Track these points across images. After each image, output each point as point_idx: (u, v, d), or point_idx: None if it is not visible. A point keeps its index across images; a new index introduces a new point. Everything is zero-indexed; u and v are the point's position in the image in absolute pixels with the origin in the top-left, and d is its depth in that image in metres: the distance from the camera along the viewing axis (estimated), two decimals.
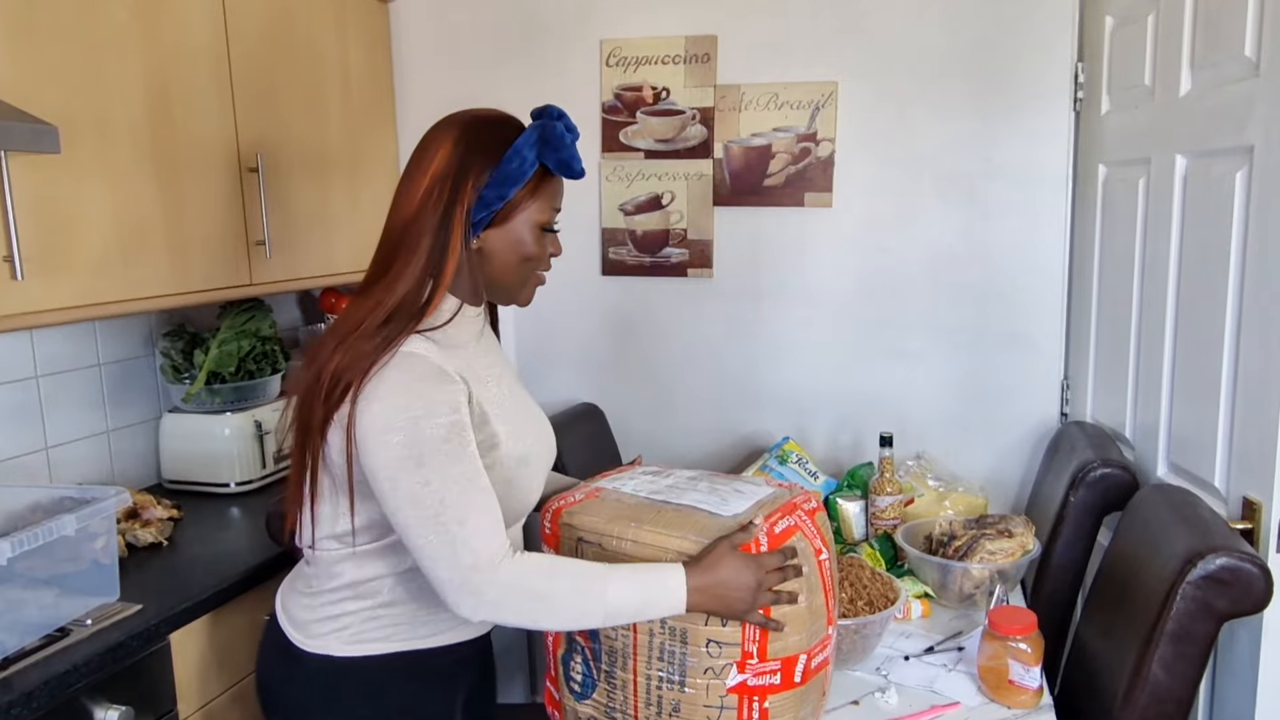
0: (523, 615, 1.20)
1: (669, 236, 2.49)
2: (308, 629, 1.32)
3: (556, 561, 1.23)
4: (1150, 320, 1.88)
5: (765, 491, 1.35)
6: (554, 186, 1.31)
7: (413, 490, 1.16)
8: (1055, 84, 2.22)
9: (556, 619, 1.21)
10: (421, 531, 1.17)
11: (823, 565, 1.28)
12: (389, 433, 1.16)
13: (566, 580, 1.20)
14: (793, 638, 1.24)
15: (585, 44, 2.47)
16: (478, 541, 1.16)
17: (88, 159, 1.67)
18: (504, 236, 1.28)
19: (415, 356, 1.19)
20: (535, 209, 1.28)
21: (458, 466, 1.18)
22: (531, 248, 1.29)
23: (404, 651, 1.31)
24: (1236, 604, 1.36)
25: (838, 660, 1.56)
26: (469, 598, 1.17)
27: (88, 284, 1.68)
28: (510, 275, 1.31)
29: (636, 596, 1.19)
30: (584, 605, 1.19)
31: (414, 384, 1.18)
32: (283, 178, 2.13)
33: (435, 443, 1.16)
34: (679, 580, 1.20)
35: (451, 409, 1.18)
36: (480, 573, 1.16)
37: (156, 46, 1.80)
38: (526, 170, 1.25)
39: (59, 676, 1.34)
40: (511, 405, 1.32)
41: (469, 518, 1.17)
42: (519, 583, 1.18)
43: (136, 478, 2.18)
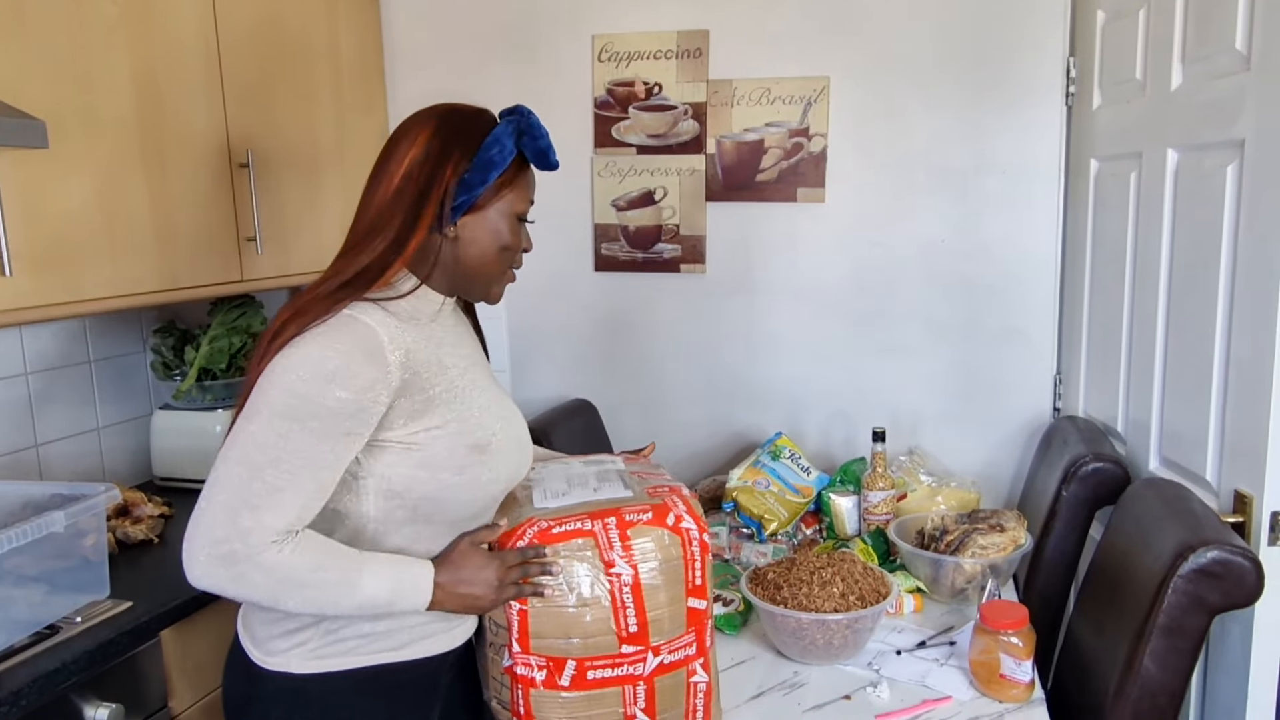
0: (268, 599, 1.15)
1: (661, 232, 2.49)
2: (266, 646, 1.25)
3: (321, 555, 1.16)
4: (1142, 314, 1.88)
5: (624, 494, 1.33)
6: (529, 178, 1.32)
7: (260, 433, 1.11)
8: (1047, 78, 2.22)
9: (296, 606, 1.16)
10: (230, 472, 1.11)
11: (617, 581, 1.24)
12: (289, 374, 1.12)
13: (327, 573, 1.15)
14: (556, 641, 1.24)
15: (577, 39, 2.46)
16: (270, 516, 1.11)
17: (76, 154, 1.66)
18: (481, 224, 1.28)
19: (357, 321, 1.16)
20: (512, 198, 1.29)
21: (319, 444, 1.12)
22: (507, 237, 1.29)
23: (368, 667, 1.25)
24: (1228, 597, 1.36)
25: (830, 654, 1.56)
26: (212, 560, 1.11)
27: (77, 280, 1.67)
28: (488, 264, 1.30)
29: (386, 590, 1.18)
30: (335, 600, 1.16)
31: (343, 346, 1.14)
32: (273, 173, 2.12)
33: (320, 409, 1.12)
34: (427, 577, 1.21)
35: (361, 389, 1.14)
36: (245, 544, 1.10)
37: (145, 41, 1.79)
38: (506, 157, 1.26)
39: (48, 674, 1.33)
40: (476, 394, 1.29)
41: (283, 491, 1.11)
42: (271, 573, 1.12)
43: (128, 475, 2.17)
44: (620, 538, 1.25)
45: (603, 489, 1.35)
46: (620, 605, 1.24)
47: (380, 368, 1.15)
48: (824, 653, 1.56)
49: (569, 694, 1.25)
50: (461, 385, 1.27)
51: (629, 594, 1.24)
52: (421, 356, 1.21)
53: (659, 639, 1.27)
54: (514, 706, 1.28)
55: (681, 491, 1.35)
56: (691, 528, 1.28)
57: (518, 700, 1.27)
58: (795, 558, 1.69)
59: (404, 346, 1.19)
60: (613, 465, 1.47)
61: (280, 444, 1.11)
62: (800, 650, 1.57)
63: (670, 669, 1.28)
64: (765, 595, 1.59)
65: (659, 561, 1.26)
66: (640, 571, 1.25)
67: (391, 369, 1.16)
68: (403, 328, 1.20)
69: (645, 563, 1.25)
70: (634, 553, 1.25)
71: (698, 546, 1.28)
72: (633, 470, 1.46)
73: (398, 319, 1.20)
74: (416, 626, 1.27)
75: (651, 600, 1.25)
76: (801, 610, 1.53)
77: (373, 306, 1.19)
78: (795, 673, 1.56)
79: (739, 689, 1.51)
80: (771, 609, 1.55)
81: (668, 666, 1.28)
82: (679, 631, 1.28)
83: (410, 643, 1.27)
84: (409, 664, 1.28)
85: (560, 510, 1.30)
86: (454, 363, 1.28)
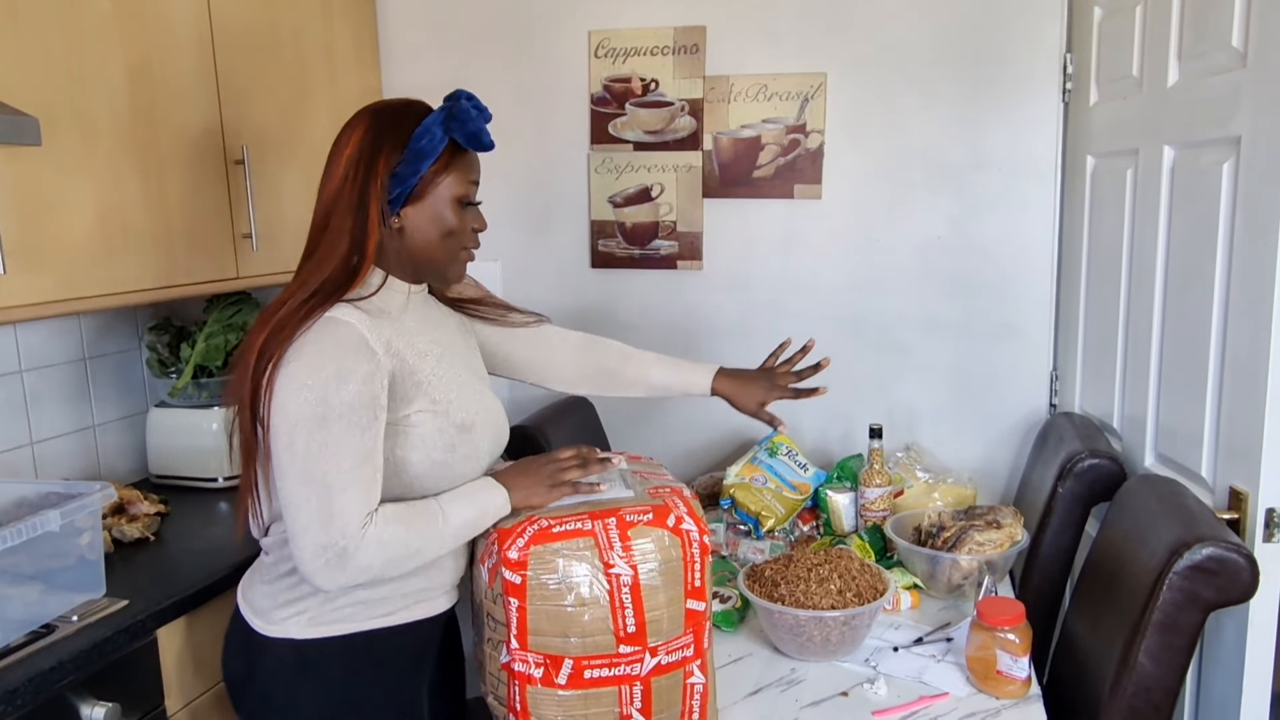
0: (385, 573, 1.26)
1: (658, 229, 2.48)
2: (268, 616, 1.34)
3: (405, 516, 1.26)
4: (1138, 311, 1.88)
5: (625, 494, 1.34)
6: (467, 160, 1.35)
7: (309, 450, 1.20)
8: (1044, 75, 2.22)
9: (415, 565, 1.29)
10: (303, 494, 1.20)
11: (616, 581, 1.24)
12: (301, 390, 1.20)
13: (419, 530, 1.26)
14: (554, 639, 1.24)
15: (574, 35, 2.45)
16: (352, 513, 1.21)
17: (70, 151, 1.65)
18: (423, 212, 1.33)
19: (338, 322, 1.23)
20: (450, 182, 1.33)
21: (356, 437, 1.21)
22: (451, 221, 1.34)
23: (365, 632, 1.34)
24: (1223, 594, 1.36)
25: (828, 651, 1.56)
26: (330, 565, 1.21)
27: (71, 277, 1.67)
28: (435, 250, 1.35)
29: (471, 514, 1.30)
30: (436, 547, 1.28)
31: (333, 348, 1.22)
32: (269, 170, 2.11)
33: (341, 408, 1.20)
34: (496, 488, 1.31)
35: (364, 379, 1.22)
36: (349, 538, 1.21)
37: (139, 37, 1.78)
38: (437, 145, 1.30)
39: (44, 673, 1.33)
40: (452, 377, 1.35)
41: (349, 487, 1.21)
42: (381, 549, 1.23)
43: (123, 472, 2.17)
44: (620, 538, 1.25)
45: (607, 487, 1.36)
46: (619, 605, 1.24)
47: (370, 359, 1.23)
48: (821, 650, 1.56)
49: (565, 692, 1.25)
50: (441, 369, 1.34)
51: (628, 594, 1.24)
52: (399, 345, 1.29)
53: (657, 640, 1.27)
54: (510, 703, 1.29)
55: (683, 492, 1.35)
56: (692, 529, 1.29)
57: (514, 697, 1.28)
58: (793, 555, 1.69)
59: (383, 337, 1.26)
60: (615, 462, 1.47)
61: (325, 452, 1.20)
62: (798, 647, 1.57)
63: (667, 670, 1.28)
64: (763, 593, 1.59)
65: (658, 562, 1.26)
66: (640, 572, 1.25)
67: (380, 357, 1.25)
68: (377, 323, 1.27)
69: (645, 563, 1.25)
70: (634, 553, 1.25)
71: (698, 548, 1.28)
72: (634, 470, 1.46)
73: (370, 315, 1.27)
74: (407, 595, 1.35)
75: (650, 601, 1.25)
76: (799, 607, 1.53)
77: (346, 306, 1.26)
78: (792, 669, 1.56)
79: (736, 686, 1.51)
80: (769, 606, 1.55)
81: (665, 667, 1.28)
82: (677, 633, 1.28)
83: (402, 608, 1.36)
84: (400, 628, 1.36)
85: (560, 509, 1.31)
86: (429, 348, 1.35)
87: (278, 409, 1.21)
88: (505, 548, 1.25)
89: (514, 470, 1.36)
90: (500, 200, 2.52)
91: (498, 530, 1.29)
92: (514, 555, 1.24)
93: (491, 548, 1.29)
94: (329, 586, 1.24)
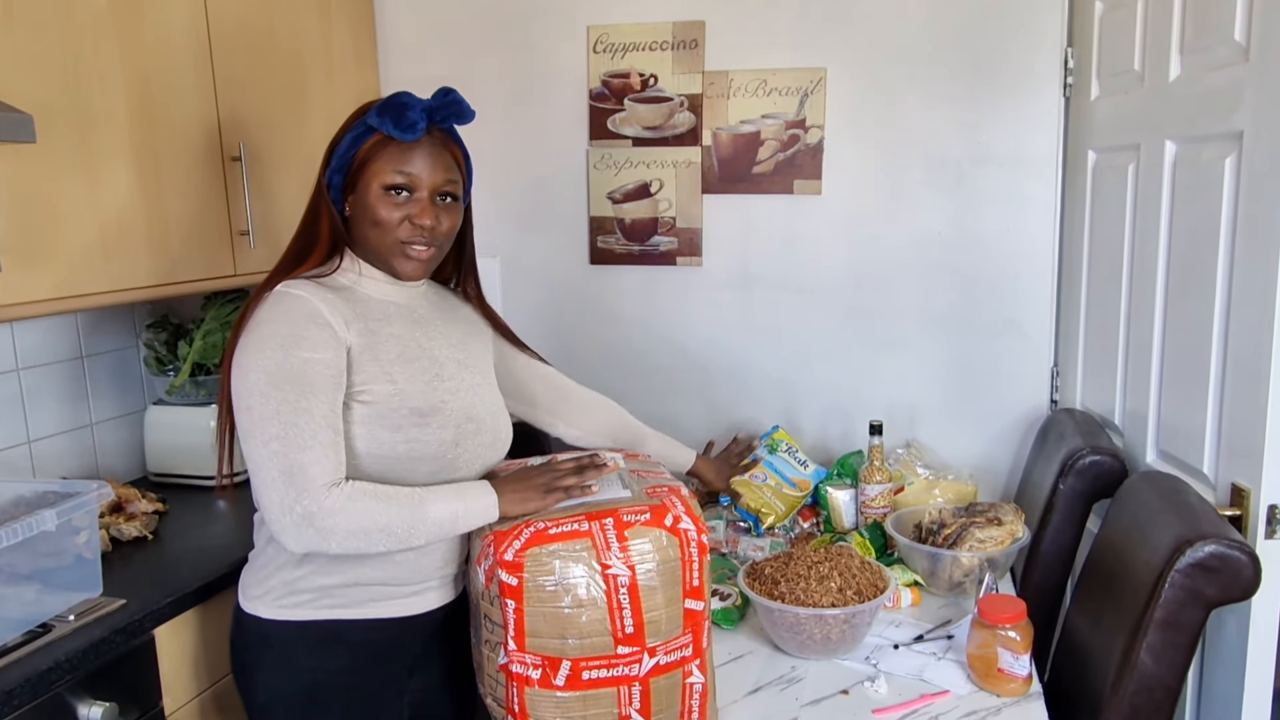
0: (352, 544, 1.27)
1: (657, 225, 2.47)
2: (246, 593, 1.42)
3: (381, 493, 1.28)
4: (1139, 307, 1.87)
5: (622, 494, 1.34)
6: (397, 150, 1.36)
7: (264, 413, 1.24)
8: (1045, 69, 2.20)
9: (383, 547, 1.29)
10: (264, 453, 1.24)
11: (613, 582, 1.24)
12: (255, 357, 1.27)
13: (393, 510, 1.27)
14: (552, 640, 1.24)
15: (572, 30, 2.44)
16: (315, 470, 1.24)
17: (66, 148, 1.64)
18: (358, 203, 1.38)
19: (291, 295, 1.30)
20: (375, 169, 1.35)
21: (311, 399, 1.25)
22: (377, 211, 1.36)
23: (323, 621, 1.37)
24: (1225, 591, 1.35)
25: (828, 649, 1.55)
26: (298, 525, 1.24)
27: (68, 275, 1.66)
28: (371, 240, 1.38)
29: (450, 509, 1.30)
30: (408, 533, 1.28)
31: (283, 316, 1.28)
32: (266, 166, 2.11)
33: (292, 372, 1.25)
34: (485, 488, 1.32)
35: (314, 346, 1.27)
36: (312, 498, 1.23)
37: (135, 34, 1.77)
38: (362, 135, 1.36)
39: (41, 674, 1.32)
40: (422, 364, 1.38)
41: (310, 447, 1.24)
42: (348, 516, 1.25)
43: (121, 471, 2.16)
44: (618, 538, 1.24)
45: (601, 488, 1.35)
46: (617, 606, 1.24)
47: (322, 327, 1.29)
48: (822, 647, 1.55)
49: (564, 694, 1.25)
50: (410, 353, 1.37)
51: (626, 595, 1.24)
52: (361, 324, 1.34)
53: (655, 640, 1.26)
54: (509, 704, 1.28)
55: (680, 491, 1.34)
56: (690, 529, 1.28)
57: (512, 698, 1.27)
58: (793, 553, 1.68)
59: (340, 311, 1.32)
60: (611, 461, 1.46)
61: (283, 413, 1.24)
62: (798, 645, 1.57)
63: (666, 670, 1.28)
64: (763, 590, 1.58)
65: (656, 563, 1.25)
66: (637, 573, 1.24)
67: (334, 328, 1.30)
68: (337, 299, 1.33)
69: (642, 564, 1.24)
70: (631, 554, 1.24)
71: (696, 548, 1.28)
72: (632, 469, 1.45)
73: (331, 292, 1.34)
74: (374, 587, 1.37)
75: (648, 601, 1.25)
76: (799, 605, 1.53)
77: (301, 281, 1.34)
78: (793, 668, 1.56)
79: (736, 684, 1.51)
80: (769, 604, 1.54)
81: (664, 668, 1.27)
82: (675, 633, 1.28)
83: (366, 602, 1.38)
84: (367, 623, 1.38)
85: (557, 510, 1.30)
86: (404, 332, 1.39)
87: (236, 379, 1.28)
88: (501, 550, 1.25)
89: (510, 476, 1.37)
90: (499, 196, 2.52)
91: (494, 532, 1.29)
92: (510, 557, 1.24)
93: (488, 549, 1.28)
94: (296, 547, 1.26)
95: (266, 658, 1.39)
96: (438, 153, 1.38)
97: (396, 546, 1.29)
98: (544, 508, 1.31)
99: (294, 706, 1.39)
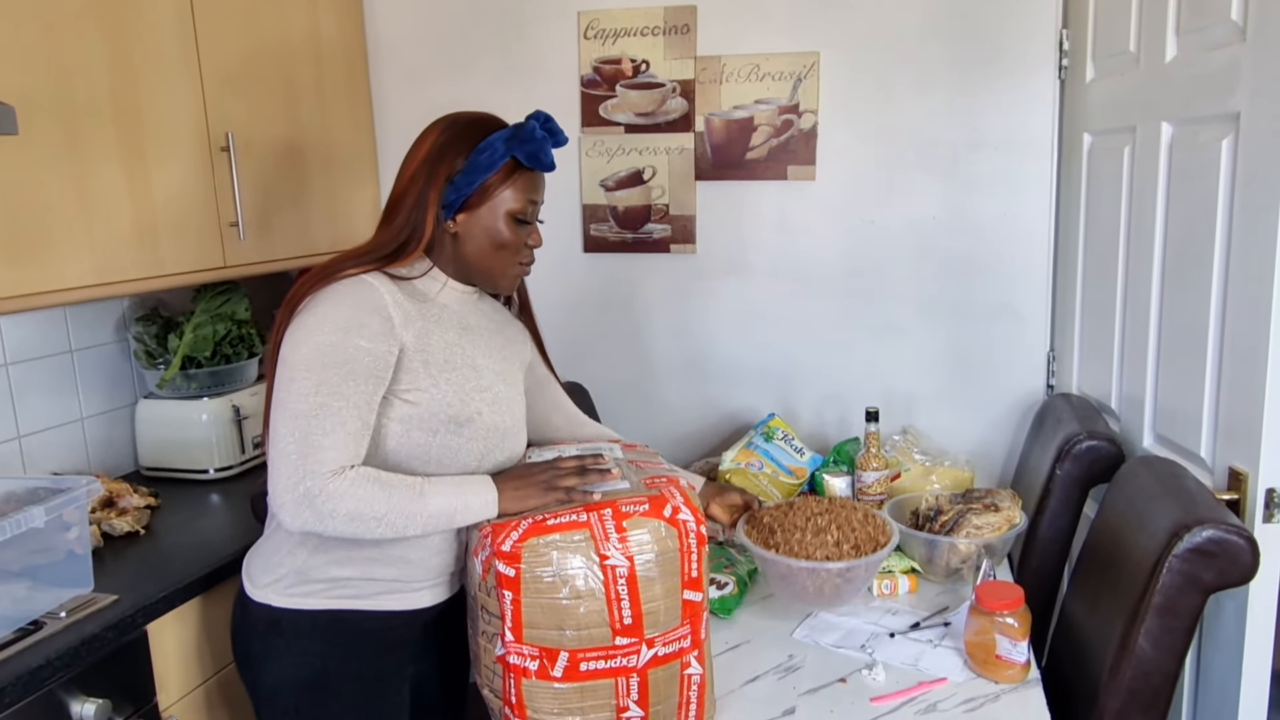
0: (348, 528, 1.26)
1: (651, 212, 2.46)
2: (254, 580, 1.41)
3: (383, 480, 1.28)
4: (1136, 290, 1.86)
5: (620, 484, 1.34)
6: (527, 179, 1.41)
7: (303, 389, 1.25)
8: (1039, 51, 2.19)
9: (378, 534, 1.28)
10: (290, 427, 1.25)
11: (612, 573, 1.23)
12: (311, 334, 1.27)
13: (393, 499, 1.27)
14: (549, 631, 1.23)
15: (563, 16, 2.42)
16: (330, 454, 1.25)
17: (49, 140, 1.62)
18: (477, 221, 1.39)
19: (364, 283, 1.32)
20: (507, 197, 1.39)
21: (352, 385, 1.27)
22: (504, 235, 1.40)
23: (333, 611, 1.37)
24: (1223, 576, 1.35)
25: (821, 602, 1.56)
26: (298, 503, 1.24)
27: (54, 269, 1.64)
28: (485, 259, 1.41)
29: (449, 500, 1.30)
30: (405, 523, 1.28)
31: (351, 303, 1.29)
32: (255, 157, 2.08)
33: (342, 358, 1.26)
34: (486, 483, 1.32)
35: (372, 338, 1.28)
36: (315, 479, 1.24)
37: (119, 23, 1.74)
38: (496, 161, 1.37)
39: (32, 671, 1.31)
40: (466, 373, 1.38)
41: (334, 432, 1.25)
42: (347, 501, 1.25)
43: (113, 465, 2.15)
44: (616, 529, 1.24)
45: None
46: (615, 597, 1.23)
47: (384, 321, 1.30)
48: (815, 599, 1.58)
49: (562, 685, 1.24)
50: (455, 361, 1.37)
51: (624, 586, 1.23)
52: (420, 325, 1.35)
53: (653, 631, 1.25)
54: (505, 696, 1.27)
55: (679, 482, 1.34)
56: (688, 519, 1.27)
57: (509, 690, 1.26)
58: (795, 502, 1.70)
59: (404, 310, 1.33)
60: (610, 453, 1.45)
61: (321, 393, 1.25)
62: (791, 595, 1.59)
63: (664, 661, 1.27)
64: (759, 539, 1.60)
65: (655, 554, 1.24)
66: (636, 563, 1.23)
67: (395, 324, 1.31)
68: (406, 300, 1.35)
69: (641, 555, 1.24)
70: (630, 545, 1.24)
71: (694, 538, 1.27)
72: (630, 459, 1.45)
73: (404, 293, 1.35)
74: (381, 581, 1.38)
75: (647, 593, 1.24)
76: (791, 557, 1.53)
77: (381, 275, 1.34)
78: (790, 656, 1.55)
79: (734, 673, 1.50)
80: (762, 553, 1.57)
81: (662, 659, 1.27)
82: (674, 624, 1.27)
83: (375, 595, 1.38)
84: (372, 615, 1.39)
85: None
86: (455, 339, 1.40)
87: (287, 350, 1.29)
88: (499, 540, 1.24)
89: (511, 473, 1.37)
90: None
91: (491, 523, 1.28)
92: (507, 548, 1.23)
93: (485, 540, 1.27)
94: (292, 525, 1.26)
95: (276, 645, 1.39)
96: (544, 180, 1.45)
97: (392, 535, 1.29)
98: (543, 505, 1.30)
99: (302, 692, 1.39)
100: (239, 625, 1.45)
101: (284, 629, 1.38)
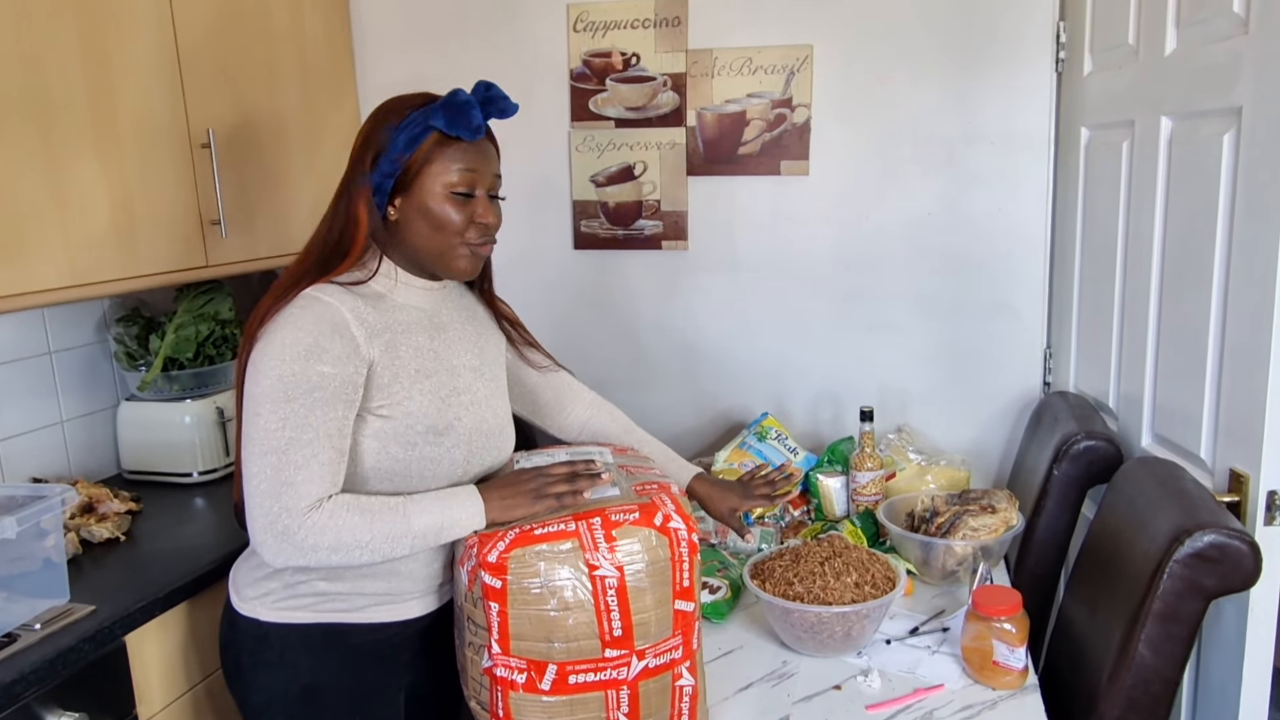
0: (333, 559, 1.23)
1: (642, 208, 2.42)
2: (242, 593, 1.38)
3: (364, 507, 1.24)
4: (1134, 288, 1.83)
5: (610, 491, 1.30)
6: (457, 150, 1.32)
7: (270, 423, 1.20)
8: (1036, 44, 2.15)
9: (365, 560, 1.25)
10: (261, 464, 1.20)
11: (601, 584, 1.20)
12: (277, 362, 1.21)
13: (376, 525, 1.23)
14: (537, 643, 1.20)
15: (552, 8, 2.37)
16: (305, 489, 1.20)
17: (23, 138, 1.57)
18: (412, 204, 1.32)
19: (318, 300, 1.26)
20: (436, 171, 1.30)
21: (320, 414, 1.22)
22: (442, 213, 1.31)
23: (323, 624, 1.34)
24: (1225, 582, 1.32)
25: (849, 645, 1.51)
26: (277, 540, 1.20)
27: (30, 270, 1.60)
28: (428, 242, 1.33)
29: (436, 517, 1.26)
30: (390, 546, 1.25)
31: (310, 324, 1.23)
32: (237, 153, 2.04)
33: (308, 385, 1.21)
34: (471, 494, 1.28)
35: (336, 361, 1.23)
36: (292, 516, 1.20)
37: (94, 15, 1.69)
38: (418, 135, 1.29)
39: (6, 685, 1.28)
40: (439, 378, 1.34)
41: (308, 464, 1.21)
42: (328, 534, 1.21)
43: (95, 469, 2.11)
44: (605, 538, 1.20)
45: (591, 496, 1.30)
46: (604, 608, 1.20)
47: (348, 341, 1.24)
48: (843, 644, 1.51)
49: (550, 698, 1.21)
50: (428, 368, 1.32)
51: (614, 597, 1.20)
52: (387, 337, 1.29)
53: (644, 643, 1.22)
54: (493, 708, 1.24)
55: (670, 489, 1.30)
56: (680, 528, 1.24)
57: (497, 702, 1.23)
58: (799, 550, 1.62)
59: (368, 324, 1.27)
60: (600, 459, 1.42)
61: (289, 426, 1.20)
62: (817, 644, 1.52)
63: (655, 673, 1.24)
64: (776, 591, 1.53)
65: (645, 563, 1.21)
66: (626, 574, 1.20)
67: (359, 342, 1.25)
68: (368, 309, 1.29)
69: (631, 564, 1.20)
70: (619, 554, 1.20)
71: (686, 547, 1.24)
72: (620, 464, 1.41)
73: (365, 302, 1.29)
74: (369, 595, 1.34)
75: (637, 603, 1.21)
76: (818, 604, 1.48)
77: (334, 287, 1.28)
78: (784, 662, 1.53)
79: (727, 680, 1.48)
80: (789, 605, 1.49)
81: (653, 670, 1.24)
82: (665, 635, 1.24)
83: (364, 607, 1.35)
84: (363, 627, 1.36)
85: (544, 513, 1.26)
86: (426, 344, 1.34)
87: (251, 381, 1.23)
88: (484, 551, 1.20)
89: (498, 482, 1.33)
90: None
91: (478, 533, 1.24)
92: (493, 559, 1.20)
93: (470, 550, 1.24)
94: (275, 562, 1.23)
95: (265, 658, 1.36)
96: (489, 150, 1.36)
97: (379, 559, 1.26)
98: (532, 514, 1.26)
99: (293, 706, 1.36)
100: (227, 639, 1.41)
101: (273, 643, 1.35)
